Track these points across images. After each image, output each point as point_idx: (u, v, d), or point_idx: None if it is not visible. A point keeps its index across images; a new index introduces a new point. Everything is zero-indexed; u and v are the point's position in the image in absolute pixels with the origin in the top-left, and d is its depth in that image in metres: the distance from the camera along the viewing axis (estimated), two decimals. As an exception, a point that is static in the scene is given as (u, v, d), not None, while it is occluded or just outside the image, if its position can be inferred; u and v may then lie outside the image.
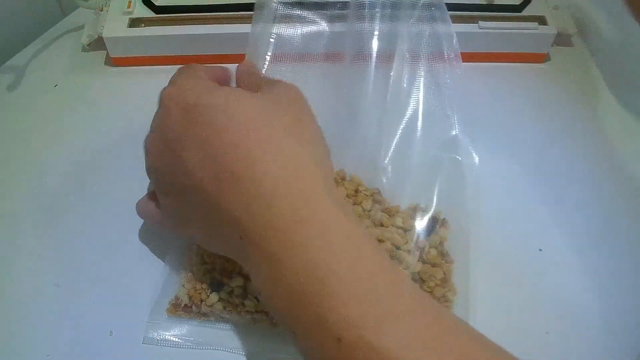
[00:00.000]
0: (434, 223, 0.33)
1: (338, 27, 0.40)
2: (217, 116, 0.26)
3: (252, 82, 0.31)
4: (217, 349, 0.31)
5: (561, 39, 0.47)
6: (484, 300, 0.33)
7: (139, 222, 0.36)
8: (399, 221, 0.33)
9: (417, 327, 0.22)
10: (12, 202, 0.37)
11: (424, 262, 0.32)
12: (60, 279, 0.34)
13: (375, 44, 0.38)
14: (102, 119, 0.42)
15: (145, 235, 0.36)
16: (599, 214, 0.38)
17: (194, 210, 0.27)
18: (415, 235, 0.33)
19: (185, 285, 0.32)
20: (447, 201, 0.35)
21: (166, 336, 0.31)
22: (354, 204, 0.34)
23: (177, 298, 0.32)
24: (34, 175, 0.39)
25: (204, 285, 0.31)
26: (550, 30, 0.45)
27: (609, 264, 0.35)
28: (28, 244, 0.35)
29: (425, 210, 0.34)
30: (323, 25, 0.40)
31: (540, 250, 0.36)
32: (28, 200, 0.37)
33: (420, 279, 0.32)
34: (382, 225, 0.33)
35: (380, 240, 0.32)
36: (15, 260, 0.35)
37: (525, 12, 0.46)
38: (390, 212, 0.33)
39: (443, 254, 0.33)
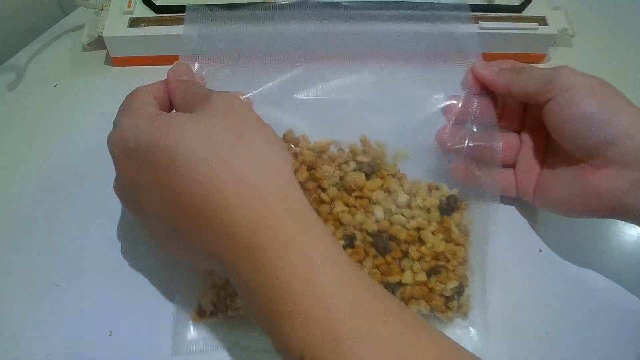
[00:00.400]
0: (454, 203, 0.34)
1: (274, 27, 0.38)
2: (160, 155, 0.25)
3: (188, 96, 0.30)
4: (246, 351, 0.31)
5: (561, 40, 0.47)
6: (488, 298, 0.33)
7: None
8: (419, 200, 0.33)
9: (378, 346, 0.22)
10: (12, 202, 0.37)
11: (447, 242, 0.32)
12: (60, 279, 0.34)
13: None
14: (102, 119, 0.42)
15: (145, 235, 0.36)
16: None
17: (178, 248, 0.28)
18: (439, 215, 0.33)
19: (207, 293, 0.31)
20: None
21: (193, 345, 0.31)
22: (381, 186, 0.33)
23: (200, 306, 0.31)
24: (34, 175, 0.39)
25: (228, 292, 0.31)
26: (550, 30, 0.45)
27: (609, 264, 0.35)
28: (28, 244, 0.35)
29: (439, 189, 0.34)
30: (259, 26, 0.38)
31: (540, 250, 0.36)
32: (28, 199, 0.37)
33: (444, 258, 0.32)
34: (408, 207, 0.33)
35: (404, 226, 0.32)
36: (15, 260, 0.35)
37: (526, 13, 0.46)
38: (412, 192, 0.33)
39: (465, 233, 0.33)
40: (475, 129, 0.35)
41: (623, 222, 0.38)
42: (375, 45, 0.40)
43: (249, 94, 0.33)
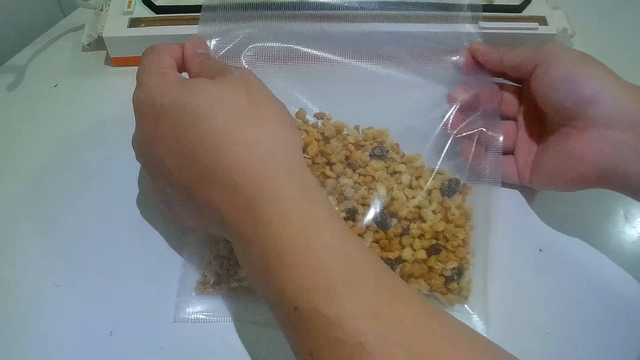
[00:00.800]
0: (456, 185, 0.35)
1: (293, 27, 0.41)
2: (183, 114, 0.27)
3: (205, 67, 0.32)
4: (248, 322, 0.32)
5: (561, 40, 0.47)
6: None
7: (139, 223, 0.36)
8: (421, 182, 0.34)
9: (369, 296, 0.23)
10: (12, 202, 0.37)
11: (447, 222, 0.33)
12: (60, 279, 0.34)
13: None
14: (102, 119, 0.42)
15: (146, 236, 0.36)
16: (599, 213, 0.38)
17: (183, 204, 0.29)
18: (440, 196, 0.34)
19: (212, 262, 0.33)
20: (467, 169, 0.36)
21: (196, 313, 0.32)
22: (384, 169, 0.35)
23: (204, 276, 0.32)
24: (34, 175, 0.39)
25: (232, 262, 0.32)
26: (550, 30, 0.45)
27: (609, 264, 0.35)
28: (28, 244, 0.35)
29: (442, 174, 0.35)
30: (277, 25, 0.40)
31: (540, 250, 0.36)
32: (28, 199, 0.37)
33: (444, 237, 0.33)
34: (410, 187, 0.34)
35: (405, 204, 0.33)
36: (15, 260, 0.35)
37: (526, 13, 0.46)
38: (415, 175, 0.35)
39: (466, 216, 0.34)
40: (478, 115, 0.37)
41: (623, 222, 0.38)
42: (381, 43, 0.41)
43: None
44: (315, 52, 0.39)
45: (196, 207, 0.28)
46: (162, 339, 0.32)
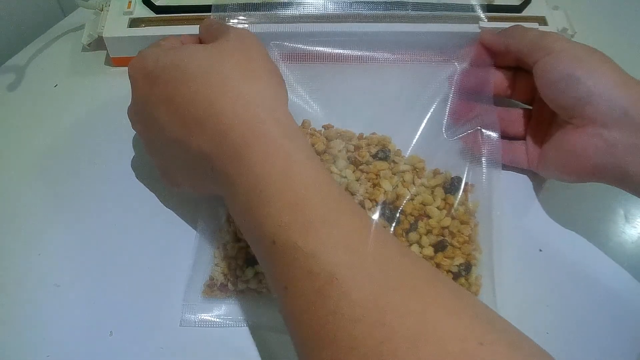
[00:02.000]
0: (458, 183, 0.35)
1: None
2: (174, 73, 0.29)
3: (210, 34, 0.33)
4: (256, 326, 0.32)
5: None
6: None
7: (140, 223, 0.36)
8: (424, 180, 0.35)
9: (343, 232, 0.25)
10: (12, 202, 0.37)
11: (452, 219, 0.34)
12: (60, 279, 0.34)
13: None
14: (102, 119, 0.42)
15: (145, 236, 0.36)
16: (599, 213, 0.38)
17: (176, 160, 0.31)
18: (443, 193, 0.35)
19: (218, 265, 0.33)
20: (468, 168, 0.37)
21: (203, 317, 0.32)
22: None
23: (211, 278, 0.32)
24: (33, 175, 0.39)
25: (239, 262, 0.32)
26: (550, 30, 0.45)
27: (609, 264, 0.35)
28: (28, 244, 0.35)
29: (444, 173, 0.36)
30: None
31: (540, 250, 0.36)
32: (28, 199, 0.37)
33: (450, 233, 0.33)
34: (412, 183, 0.35)
35: (410, 199, 0.34)
36: (15, 260, 0.35)
37: (525, 13, 0.46)
38: (418, 173, 0.36)
39: (470, 213, 0.34)
40: (477, 101, 0.38)
41: (623, 222, 0.38)
42: (380, 43, 0.42)
43: None
44: (325, 50, 0.40)
45: (188, 159, 0.30)
46: (162, 339, 0.32)
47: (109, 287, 0.33)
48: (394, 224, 0.33)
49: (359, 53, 0.41)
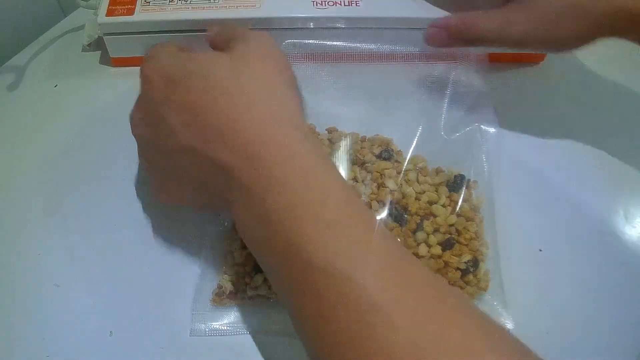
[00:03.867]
0: (461, 181, 0.35)
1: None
2: (195, 82, 0.29)
3: (224, 38, 0.33)
4: (266, 332, 0.32)
5: (561, 39, 0.47)
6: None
7: (139, 223, 0.36)
8: (428, 178, 0.35)
9: (376, 255, 0.24)
10: (12, 202, 0.37)
11: (458, 216, 0.34)
12: (60, 279, 0.34)
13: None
14: (102, 119, 0.42)
15: (145, 236, 0.36)
16: (598, 213, 0.38)
17: (178, 170, 0.30)
18: (447, 191, 0.35)
19: (227, 273, 0.32)
20: (469, 165, 0.37)
21: (214, 326, 0.32)
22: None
23: (220, 287, 0.32)
24: (33, 175, 0.39)
25: (247, 269, 0.32)
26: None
27: (609, 264, 0.35)
28: (28, 244, 0.35)
29: (447, 171, 0.36)
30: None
31: (540, 250, 0.36)
32: (28, 199, 0.37)
33: (456, 231, 0.33)
34: (417, 181, 0.35)
35: (416, 198, 0.34)
36: (15, 260, 0.35)
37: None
38: (422, 172, 0.36)
39: (475, 209, 0.35)
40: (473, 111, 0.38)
41: (623, 222, 0.38)
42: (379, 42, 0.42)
43: None
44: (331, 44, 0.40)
45: (194, 169, 0.29)
46: (162, 339, 0.32)
47: (109, 287, 0.33)
48: (404, 225, 0.33)
49: (365, 46, 0.41)
